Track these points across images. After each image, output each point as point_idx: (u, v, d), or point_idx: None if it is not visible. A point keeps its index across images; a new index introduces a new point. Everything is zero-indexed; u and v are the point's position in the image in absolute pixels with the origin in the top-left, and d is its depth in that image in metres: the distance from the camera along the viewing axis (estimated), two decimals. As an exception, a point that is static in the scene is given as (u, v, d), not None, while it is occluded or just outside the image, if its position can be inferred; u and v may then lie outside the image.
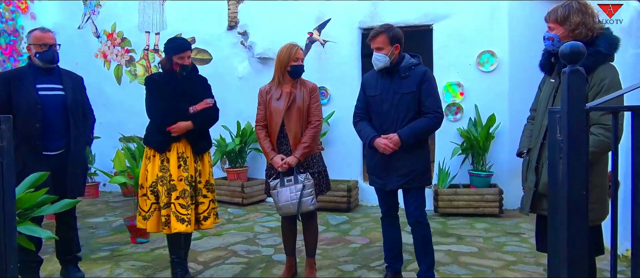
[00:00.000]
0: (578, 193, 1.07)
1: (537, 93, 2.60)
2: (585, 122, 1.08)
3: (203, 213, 3.25)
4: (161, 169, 3.16)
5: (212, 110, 3.29)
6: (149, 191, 3.17)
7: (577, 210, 1.08)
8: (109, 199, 6.49)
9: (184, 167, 3.16)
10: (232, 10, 6.37)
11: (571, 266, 1.10)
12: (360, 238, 4.41)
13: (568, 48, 1.09)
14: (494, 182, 5.35)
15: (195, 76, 3.30)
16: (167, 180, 3.13)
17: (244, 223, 5.06)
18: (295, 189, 3.12)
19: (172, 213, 3.10)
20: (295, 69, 3.18)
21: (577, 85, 1.07)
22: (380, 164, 3.01)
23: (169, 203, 3.12)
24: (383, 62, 2.93)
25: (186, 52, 3.14)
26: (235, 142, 6.00)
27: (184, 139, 3.19)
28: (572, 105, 1.07)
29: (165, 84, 3.16)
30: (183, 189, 3.13)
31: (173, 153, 3.16)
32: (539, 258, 3.71)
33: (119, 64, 7.10)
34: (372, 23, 5.76)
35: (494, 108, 5.33)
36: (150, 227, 3.20)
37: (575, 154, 1.07)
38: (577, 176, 1.07)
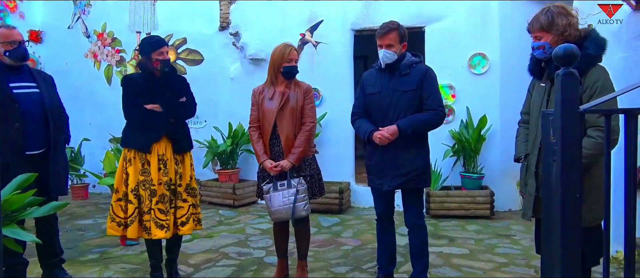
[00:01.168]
0: (572, 196, 1.07)
1: (527, 96, 2.60)
2: (579, 124, 1.08)
3: (181, 217, 3.19)
4: (142, 173, 3.10)
5: (187, 103, 3.26)
6: (132, 194, 3.10)
7: (570, 212, 1.08)
8: (99, 201, 6.42)
9: (164, 170, 3.12)
10: (224, 10, 6.34)
11: (565, 268, 1.10)
12: (352, 240, 4.40)
13: (562, 51, 1.09)
14: (485, 184, 5.37)
15: (174, 75, 3.28)
16: (149, 184, 3.08)
17: (235, 225, 5.03)
18: (288, 194, 3.09)
19: (152, 219, 3.06)
20: (288, 70, 3.14)
21: (571, 87, 1.07)
22: (379, 164, 2.99)
23: (151, 208, 3.08)
24: (391, 59, 2.91)
25: (163, 47, 3.12)
26: (226, 143, 5.97)
27: (165, 138, 3.15)
28: (565, 108, 1.07)
29: (143, 84, 3.13)
30: (162, 193, 3.09)
31: (154, 155, 3.11)
32: (530, 259, 3.72)
33: (109, 65, 7.03)
34: (364, 25, 5.77)
35: (485, 110, 5.35)
36: (132, 233, 3.13)
37: (569, 156, 1.07)
38: (571, 179, 1.07)
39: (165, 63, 3.13)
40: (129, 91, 3.14)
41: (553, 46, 2.27)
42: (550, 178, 1.14)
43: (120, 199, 3.15)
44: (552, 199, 1.15)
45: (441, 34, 5.58)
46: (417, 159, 2.94)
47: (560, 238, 1.09)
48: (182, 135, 3.24)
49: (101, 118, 6.90)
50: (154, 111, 3.09)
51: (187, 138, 3.30)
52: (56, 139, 3.19)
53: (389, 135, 2.86)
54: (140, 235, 3.17)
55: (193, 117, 3.40)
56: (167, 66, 3.16)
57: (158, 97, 3.12)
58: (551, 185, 1.14)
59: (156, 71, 3.13)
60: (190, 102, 3.32)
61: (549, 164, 1.14)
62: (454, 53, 5.51)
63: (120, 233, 3.18)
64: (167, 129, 3.14)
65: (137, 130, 3.13)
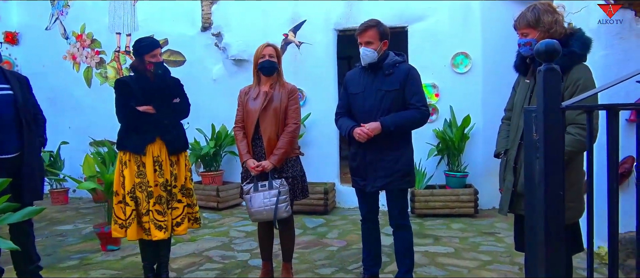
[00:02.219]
0: (555, 193, 1.06)
1: (512, 94, 2.61)
2: (562, 121, 1.07)
3: (176, 218, 3.17)
4: (138, 175, 3.08)
5: (180, 104, 3.23)
6: (129, 197, 3.07)
7: (554, 209, 1.07)
8: (79, 205, 6.29)
9: (159, 172, 3.09)
10: (205, 11, 6.26)
11: (549, 266, 1.09)
12: (337, 241, 4.38)
13: (543, 46, 1.08)
14: (469, 182, 5.39)
15: (168, 77, 3.24)
16: (146, 186, 3.05)
17: (219, 227, 4.96)
18: (269, 195, 3.05)
19: (151, 220, 3.04)
20: (262, 65, 3.12)
21: (553, 84, 1.06)
22: (363, 165, 2.97)
23: (149, 210, 3.05)
24: (371, 57, 2.89)
25: (157, 49, 3.10)
26: (209, 145, 5.90)
27: (159, 139, 3.10)
28: (548, 104, 1.06)
29: (136, 86, 3.08)
30: (159, 195, 3.07)
31: (149, 157, 3.08)
32: (514, 257, 3.74)
33: (88, 66, 6.90)
34: (347, 25, 5.76)
35: (468, 108, 5.38)
36: (131, 235, 3.09)
37: (552, 153, 1.06)
38: (554, 176, 1.06)
39: (158, 66, 3.11)
40: (121, 94, 3.11)
41: None
42: (533, 175, 1.13)
43: (121, 201, 3.13)
44: (535, 196, 1.14)
45: (424, 33, 5.60)
46: (400, 160, 2.92)
47: (544, 236, 1.07)
48: (176, 136, 3.20)
49: (81, 121, 6.77)
50: (147, 113, 3.07)
51: (181, 138, 3.26)
52: (31, 143, 3.11)
53: (370, 131, 2.83)
54: (140, 237, 3.14)
55: (186, 118, 3.37)
56: (161, 69, 3.13)
57: (151, 99, 3.09)
58: (534, 182, 1.13)
59: (149, 73, 3.10)
60: (184, 103, 3.29)
61: (532, 161, 1.13)
62: (436, 52, 5.53)
63: (124, 234, 3.14)
64: (161, 130, 3.11)
65: (131, 133, 3.10)
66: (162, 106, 3.10)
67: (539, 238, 1.10)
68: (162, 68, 3.12)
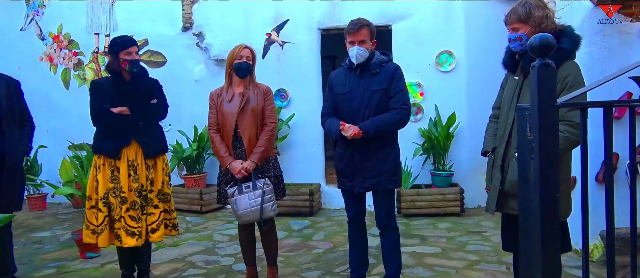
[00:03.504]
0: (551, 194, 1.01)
1: (500, 92, 2.58)
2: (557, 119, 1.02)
3: (152, 224, 3.06)
4: (112, 180, 2.98)
5: (157, 105, 3.13)
6: (101, 203, 2.96)
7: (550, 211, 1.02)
8: (58, 211, 6.12)
9: (134, 176, 2.98)
10: (186, 10, 6.14)
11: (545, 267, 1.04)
12: (323, 243, 4.31)
13: (538, 40, 1.03)
14: (454, 181, 5.38)
15: (145, 77, 3.14)
16: (119, 191, 2.95)
17: (203, 231, 4.86)
18: (254, 195, 3.00)
19: (122, 227, 2.92)
20: (238, 66, 3.06)
21: (548, 80, 1.01)
22: (349, 165, 2.91)
23: (121, 216, 2.95)
24: (364, 56, 2.84)
25: (132, 47, 2.99)
26: (192, 147, 5.79)
27: (135, 142, 3.00)
28: (542, 101, 1.01)
29: (111, 87, 2.97)
30: (133, 200, 2.96)
31: (123, 161, 2.98)
32: (501, 256, 3.72)
33: (66, 68, 6.71)
34: (331, 24, 5.70)
35: (453, 107, 5.37)
36: (103, 242, 2.99)
37: (548, 153, 1.01)
38: (550, 177, 1.01)
39: (133, 64, 3.00)
40: (95, 96, 3.01)
41: (530, 37, 2.25)
42: (527, 176, 1.08)
43: (93, 206, 3.02)
44: (529, 197, 1.09)
45: (407, 32, 5.57)
46: (387, 160, 2.88)
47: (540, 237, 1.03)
48: (152, 139, 3.10)
49: (58, 124, 6.58)
50: (121, 114, 2.96)
51: (158, 141, 3.16)
52: (12, 150, 2.99)
53: (353, 133, 2.77)
54: (112, 243, 3.04)
55: (164, 119, 3.27)
56: (136, 67, 3.02)
57: (127, 101, 2.99)
58: (529, 183, 1.08)
59: (124, 71, 3.00)
60: (161, 104, 3.19)
61: (526, 161, 1.08)
62: (421, 51, 5.51)
63: (95, 240, 3.03)
64: (137, 132, 3.01)
65: (106, 136, 3.00)
66: (137, 107, 3.00)
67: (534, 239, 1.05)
68: (137, 66, 3.01)
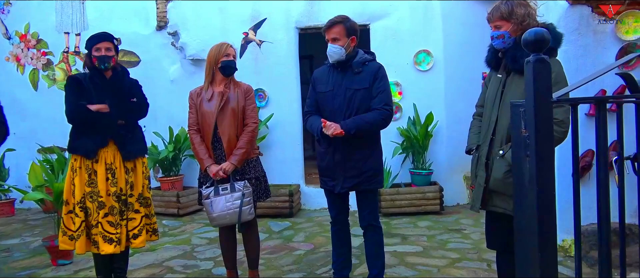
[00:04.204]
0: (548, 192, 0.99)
1: (483, 89, 2.58)
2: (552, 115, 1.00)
3: (133, 230, 2.95)
4: (89, 184, 2.86)
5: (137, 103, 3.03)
6: (78, 208, 2.84)
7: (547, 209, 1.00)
8: (27, 217, 5.89)
9: (112, 180, 2.87)
10: (160, 9, 6.00)
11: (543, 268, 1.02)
12: (304, 245, 4.26)
13: (532, 35, 1.01)
14: (433, 180, 5.40)
15: (125, 77, 3.04)
16: (97, 195, 2.83)
17: (180, 235, 4.74)
18: (231, 198, 2.92)
19: (100, 233, 2.81)
20: (226, 64, 2.97)
21: (543, 75, 0.99)
22: (331, 165, 2.87)
23: (98, 221, 2.83)
24: (338, 54, 2.79)
25: (102, 42, 2.87)
26: (168, 149, 5.65)
27: (113, 144, 2.89)
28: (538, 98, 0.98)
29: (89, 83, 2.86)
30: (111, 205, 2.85)
31: (101, 164, 2.86)
32: (482, 253, 3.75)
33: (34, 69, 6.47)
34: (309, 23, 5.65)
35: (431, 106, 5.39)
36: (80, 248, 2.87)
37: (544, 150, 0.99)
38: (547, 175, 0.99)
39: (102, 59, 2.87)
40: (72, 92, 2.89)
41: (512, 35, 2.26)
42: (522, 174, 1.06)
43: (71, 211, 2.90)
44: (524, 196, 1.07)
45: (385, 31, 5.58)
46: (369, 160, 2.85)
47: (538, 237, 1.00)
48: (131, 140, 2.99)
49: (27, 126, 6.33)
50: (99, 112, 2.84)
51: (137, 142, 3.05)
52: None
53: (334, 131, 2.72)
54: (89, 250, 2.92)
55: (144, 117, 3.17)
56: (105, 63, 2.89)
57: (105, 98, 2.88)
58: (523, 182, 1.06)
59: (95, 68, 2.89)
60: (141, 102, 3.09)
61: (521, 160, 1.06)
62: (399, 50, 5.52)
63: (73, 247, 2.92)
64: (115, 132, 2.90)
65: (82, 134, 2.88)
66: (118, 105, 2.89)
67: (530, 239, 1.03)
68: (107, 62, 2.88)
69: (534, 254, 1.00)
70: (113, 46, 2.90)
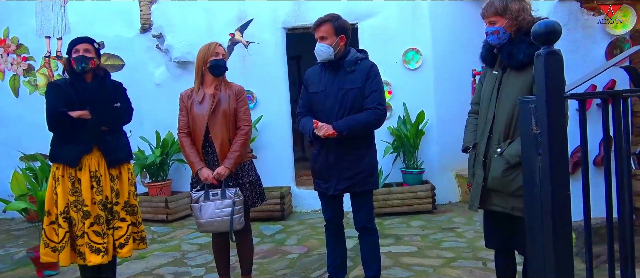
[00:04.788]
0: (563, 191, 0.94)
1: (478, 87, 2.54)
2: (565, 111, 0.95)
3: (119, 239, 2.86)
4: (73, 193, 2.76)
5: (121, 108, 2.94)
6: (61, 218, 2.74)
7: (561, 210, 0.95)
8: (11, 226, 5.72)
9: (97, 189, 2.77)
10: (144, 11, 5.88)
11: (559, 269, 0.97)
12: (297, 248, 4.19)
13: (543, 27, 0.96)
14: (425, 178, 5.37)
15: (108, 81, 2.94)
16: (81, 204, 2.73)
17: (170, 241, 4.64)
18: (221, 205, 2.83)
19: (86, 243, 2.71)
20: (215, 63, 2.89)
21: (555, 69, 0.94)
22: (324, 166, 2.81)
23: (84, 231, 2.74)
24: (327, 53, 2.73)
25: (81, 44, 2.78)
26: (155, 154, 5.53)
27: (97, 150, 2.79)
28: (551, 93, 0.94)
29: (70, 89, 2.77)
30: (97, 214, 2.75)
31: (85, 172, 2.76)
32: (477, 252, 3.72)
33: (15, 74, 6.30)
34: (296, 23, 5.59)
35: (421, 104, 5.37)
36: (64, 260, 2.77)
37: (557, 147, 0.94)
38: (561, 173, 0.95)
39: (79, 60, 2.77)
40: (52, 98, 2.78)
41: (507, 31, 2.23)
42: (533, 173, 1.01)
43: (53, 221, 2.80)
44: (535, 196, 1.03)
45: (374, 30, 5.54)
46: (363, 161, 2.79)
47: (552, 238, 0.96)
48: (116, 146, 2.89)
49: (8, 134, 6.16)
50: (81, 118, 2.75)
51: (122, 148, 2.96)
52: None
53: (326, 132, 2.66)
54: (74, 261, 2.82)
55: (128, 123, 3.08)
56: (83, 63, 2.78)
57: (87, 103, 2.79)
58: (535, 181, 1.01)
59: (74, 70, 2.80)
60: (126, 107, 3.00)
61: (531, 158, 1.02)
62: (387, 49, 5.48)
63: (56, 259, 2.81)
64: (98, 138, 2.81)
65: (64, 142, 2.78)
66: (100, 110, 2.80)
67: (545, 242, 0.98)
68: (85, 63, 2.77)
69: (549, 255, 0.96)
70: (93, 48, 2.81)
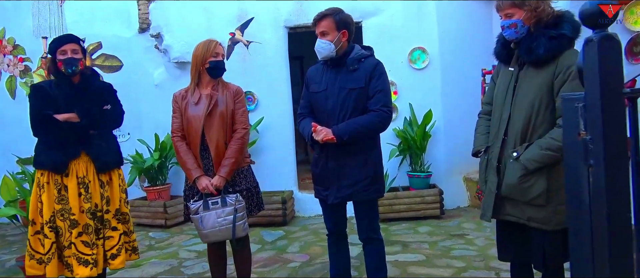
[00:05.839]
0: (622, 212, 0.76)
1: (491, 85, 2.35)
2: (624, 112, 0.77)
3: (111, 249, 2.69)
4: (59, 200, 2.58)
5: (111, 110, 2.77)
6: (47, 227, 2.57)
7: (621, 234, 0.76)
8: (6, 232, 5.57)
9: (85, 196, 2.60)
10: (142, 10, 5.71)
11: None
12: (299, 256, 4.00)
13: (595, 5, 0.77)
14: (432, 182, 5.17)
15: (96, 82, 2.77)
16: (68, 213, 2.56)
17: (167, 248, 4.47)
18: (223, 213, 2.65)
19: (73, 255, 2.54)
20: (215, 65, 2.72)
21: (612, 58, 0.75)
22: (324, 172, 2.61)
23: (72, 242, 2.57)
24: (327, 50, 2.53)
25: (68, 44, 2.62)
26: (154, 157, 5.37)
27: (85, 155, 2.62)
28: (607, 88, 0.75)
29: (56, 91, 2.60)
30: (85, 224, 2.57)
31: (72, 178, 2.59)
32: (488, 261, 3.52)
33: (11, 76, 6.15)
34: (299, 21, 5.41)
35: (428, 105, 5.17)
36: (51, 272, 2.61)
37: (616, 158, 0.75)
38: (620, 189, 0.76)
39: (68, 63, 2.61)
40: (36, 101, 2.62)
41: (526, 23, 2.03)
42: (579, 187, 0.83)
43: (39, 231, 2.63)
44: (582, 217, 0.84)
45: (379, 28, 5.35)
46: (365, 166, 2.57)
47: (609, 266, 0.77)
48: (105, 150, 2.72)
49: (4, 136, 6.02)
50: (68, 122, 2.58)
51: (113, 153, 2.79)
52: None
53: (324, 137, 2.47)
54: (61, 274, 2.66)
55: (119, 126, 2.94)
56: (72, 66, 2.62)
57: (74, 106, 2.62)
58: (582, 198, 0.83)
59: (61, 73, 2.64)
60: (116, 110, 2.84)
61: (577, 169, 0.83)
62: (393, 48, 5.29)
63: (43, 271, 2.65)
64: (87, 143, 2.64)
65: (50, 147, 2.61)
66: (88, 113, 2.63)
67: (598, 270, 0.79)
68: (74, 65, 2.62)
69: None
70: (80, 48, 2.64)
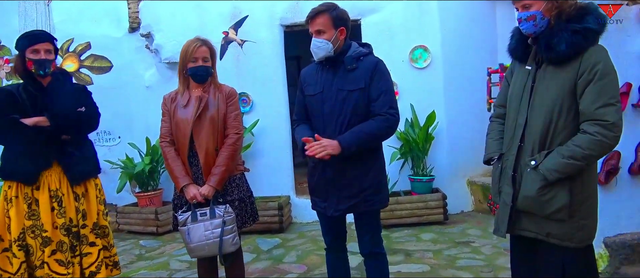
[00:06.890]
0: None
1: (504, 86, 2.13)
2: None
3: (90, 267, 2.47)
4: (29, 216, 2.37)
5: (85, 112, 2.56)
6: (16, 246, 2.36)
7: None
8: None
9: (59, 210, 2.38)
10: (132, 9, 5.51)
11: None
12: (296, 267, 3.79)
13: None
14: (435, 186, 4.96)
15: (68, 83, 2.56)
16: (40, 229, 2.34)
17: (158, 258, 4.25)
18: (211, 225, 2.45)
19: (46, 275, 2.34)
20: (193, 72, 2.53)
21: None
22: (321, 182, 2.39)
23: (44, 261, 2.35)
24: (324, 50, 2.32)
25: (41, 43, 2.41)
26: (144, 162, 5.15)
27: (57, 165, 2.41)
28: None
29: (23, 94, 2.39)
30: (59, 241, 2.36)
31: (43, 191, 2.38)
32: (497, 272, 3.32)
33: (-3, 77, 5.95)
34: (295, 19, 5.20)
35: (430, 106, 4.96)
36: None
37: None
38: None
39: (40, 64, 2.41)
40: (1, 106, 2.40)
41: (546, 15, 1.81)
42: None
43: (7, 249, 2.42)
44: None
45: (378, 26, 5.15)
46: (368, 175, 2.35)
47: None
48: (79, 159, 2.50)
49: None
50: (37, 126, 2.37)
51: (86, 161, 2.57)
52: None
53: (331, 150, 2.22)
54: None
55: (95, 130, 2.72)
56: (44, 68, 2.42)
57: (45, 110, 2.41)
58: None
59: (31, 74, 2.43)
60: (91, 112, 2.63)
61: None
62: (393, 46, 5.09)
63: None
64: (58, 151, 2.44)
65: (18, 156, 2.40)
66: (58, 116, 2.42)
67: None
68: (47, 68, 2.42)
69: None
70: (54, 48, 2.43)
